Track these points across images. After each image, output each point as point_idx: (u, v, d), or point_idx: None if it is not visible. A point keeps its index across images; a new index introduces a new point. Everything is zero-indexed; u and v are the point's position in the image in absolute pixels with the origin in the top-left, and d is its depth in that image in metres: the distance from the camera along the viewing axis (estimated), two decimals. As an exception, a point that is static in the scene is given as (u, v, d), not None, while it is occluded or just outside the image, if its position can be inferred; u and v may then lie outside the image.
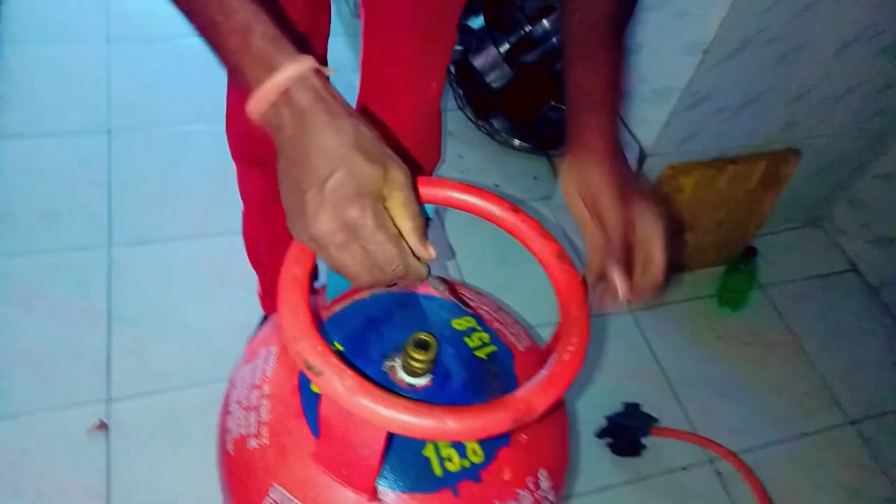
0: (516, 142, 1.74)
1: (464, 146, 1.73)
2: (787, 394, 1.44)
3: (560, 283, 0.60)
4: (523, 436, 0.67)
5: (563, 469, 0.72)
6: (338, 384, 0.50)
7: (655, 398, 1.38)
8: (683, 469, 1.30)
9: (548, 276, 0.61)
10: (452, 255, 1.53)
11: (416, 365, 0.63)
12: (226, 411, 0.70)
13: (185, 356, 1.27)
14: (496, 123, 1.74)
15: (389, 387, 0.64)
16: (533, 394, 0.52)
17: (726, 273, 1.57)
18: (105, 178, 1.50)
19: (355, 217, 0.47)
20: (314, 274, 0.59)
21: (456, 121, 1.76)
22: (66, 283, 1.33)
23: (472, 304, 0.78)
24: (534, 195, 1.68)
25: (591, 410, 1.33)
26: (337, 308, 0.73)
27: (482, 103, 1.74)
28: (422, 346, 0.62)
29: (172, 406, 1.21)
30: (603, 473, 1.27)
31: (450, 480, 0.63)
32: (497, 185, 1.68)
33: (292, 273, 0.55)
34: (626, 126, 1.35)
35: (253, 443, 0.65)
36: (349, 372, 0.50)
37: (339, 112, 0.48)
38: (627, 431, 1.30)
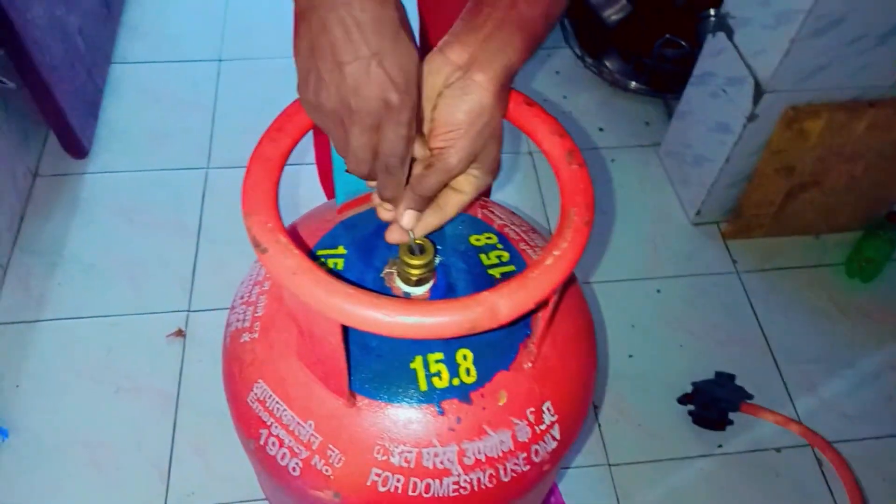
0: (632, 84, 1.60)
1: (569, 86, 1.62)
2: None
3: (565, 184, 0.52)
4: (528, 363, 0.60)
5: (578, 410, 0.64)
6: (280, 263, 0.46)
7: (753, 370, 1.22)
8: (777, 451, 1.15)
9: (555, 175, 0.53)
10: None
11: (411, 272, 0.58)
12: (231, 306, 0.69)
13: (262, 276, 1.30)
14: (609, 63, 1.61)
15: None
16: (500, 296, 0.45)
17: (862, 239, 1.36)
18: (211, 104, 1.56)
19: (364, 108, 0.45)
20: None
21: (562, 58, 1.65)
22: (165, 199, 1.40)
23: (498, 221, 0.71)
24: (642, 141, 1.54)
25: (678, 375, 1.21)
26: (351, 213, 0.69)
27: (594, 40, 1.61)
28: (415, 250, 0.57)
29: (246, 322, 1.25)
30: (680, 442, 1.15)
31: (435, 397, 0.58)
32: (601, 129, 1.56)
33: (263, 152, 0.52)
34: (741, 56, 1.18)
35: (245, 337, 0.64)
36: (295, 252, 0.46)
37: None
38: (714, 402, 1.16)
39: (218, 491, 1.06)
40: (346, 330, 0.50)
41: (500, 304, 0.45)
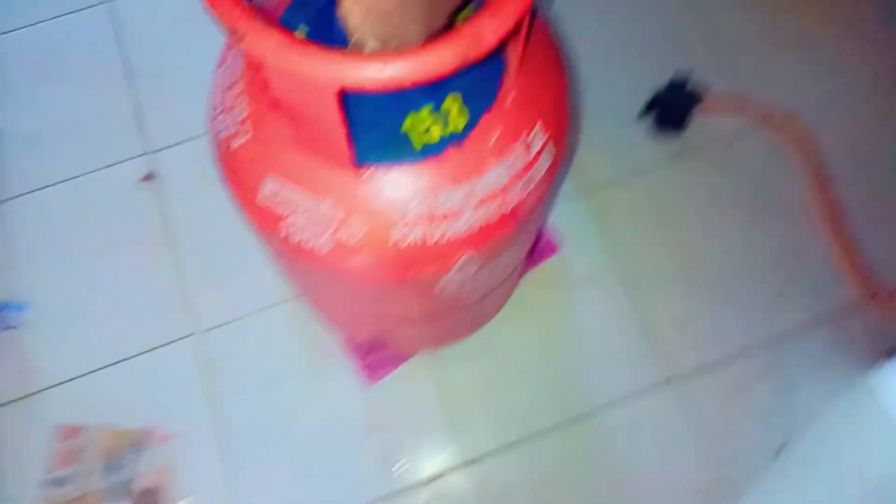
0: None
1: None
2: (855, 35, 1.30)
3: None
4: (510, 95, 0.63)
5: (561, 126, 0.69)
6: (264, 43, 0.46)
7: (705, 67, 1.27)
8: (732, 141, 1.24)
9: None
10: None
11: (378, 35, 0.58)
12: (211, 118, 0.70)
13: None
14: None
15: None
16: (480, 22, 0.47)
17: None
18: (84, -71, 1.39)
19: None
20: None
21: None
22: (77, 46, 1.31)
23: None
24: None
25: (632, 92, 1.25)
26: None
27: None
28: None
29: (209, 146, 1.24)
30: (643, 155, 1.23)
31: (433, 149, 0.61)
32: None
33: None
34: None
35: (238, 141, 0.65)
36: (274, 30, 0.46)
37: None
38: (672, 108, 1.22)
39: (241, 305, 1.13)
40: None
41: (484, 30, 0.47)
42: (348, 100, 0.60)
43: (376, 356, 1.09)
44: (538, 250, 1.16)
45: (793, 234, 1.19)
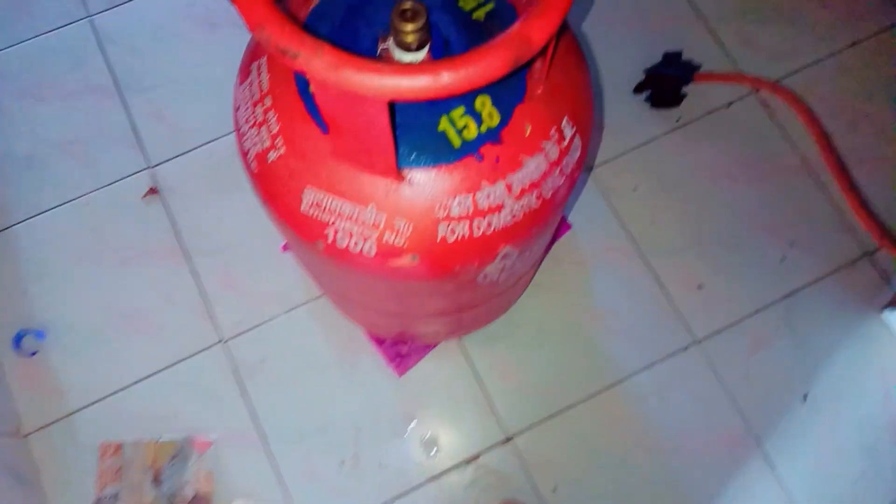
0: None
1: None
2: (833, 5, 1.33)
3: None
4: (538, 90, 0.65)
5: (587, 118, 0.71)
6: (318, 61, 0.47)
7: (693, 42, 1.29)
8: (727, 106, 1.27)
9: None
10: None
11: (408, 38, 0.59)
12: (239, 134, 0.70)
13: (204, 108, 1.26)
14: None
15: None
16: (528, 25, 0.48)
17: None
18: (56, -59, 1.36)
19: None
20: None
21: None
22: (64, 64, 1.29)
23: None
24: None
25: (626, 67, 1.27)
26: (315, 2, 0.68)
27: None
28: (409, 15, 0.57)
29: (211, 157, 1.24)
30: (643, 128, 1.25)
31: (471, 147, 0.62)
32: None
33: (241, -43, 0.50)
34: None
35: (273, 155, 0.66)
36: (326, 46, 0.47)
37: None
38: (667, 82, 1.24)
39: (263, 310, 1.14)
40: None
41: (532, 32, 0.48)
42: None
43: (403, 348, 1.11)
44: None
45: (796, 191, 1.22)
